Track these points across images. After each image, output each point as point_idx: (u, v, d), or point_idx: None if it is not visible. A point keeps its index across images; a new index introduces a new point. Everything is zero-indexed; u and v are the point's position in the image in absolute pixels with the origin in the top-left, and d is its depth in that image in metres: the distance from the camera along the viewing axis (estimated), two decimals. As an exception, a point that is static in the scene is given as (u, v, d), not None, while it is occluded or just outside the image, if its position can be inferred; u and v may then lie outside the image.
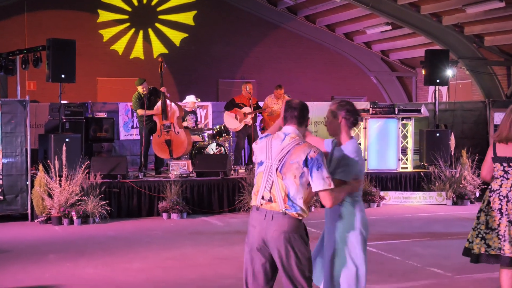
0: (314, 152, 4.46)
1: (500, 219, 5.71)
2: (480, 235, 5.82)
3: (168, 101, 12.76)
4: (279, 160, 4.50)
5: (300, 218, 4.52)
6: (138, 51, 21.01)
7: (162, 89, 12.70)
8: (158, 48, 21.11)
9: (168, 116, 12.64)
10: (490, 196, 5.81)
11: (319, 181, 4.42)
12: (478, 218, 5.90)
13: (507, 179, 5.72)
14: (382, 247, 8.91)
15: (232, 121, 13.94)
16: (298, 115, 4.68)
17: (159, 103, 12.72)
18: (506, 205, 5.70)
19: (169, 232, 10.31)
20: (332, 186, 4.43)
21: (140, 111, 12.82)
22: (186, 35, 21.34)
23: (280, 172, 4.50)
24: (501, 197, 5.73)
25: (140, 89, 12.94)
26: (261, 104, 14.46)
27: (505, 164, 5.74)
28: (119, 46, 20.78)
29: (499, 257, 5.72)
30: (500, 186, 5.74)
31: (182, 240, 9.68)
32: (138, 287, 7.04)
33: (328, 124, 4.91)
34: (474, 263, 5.91)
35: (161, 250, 8.93)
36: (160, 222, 11.24)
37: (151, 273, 7.68)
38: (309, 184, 4.47)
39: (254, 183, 4.70)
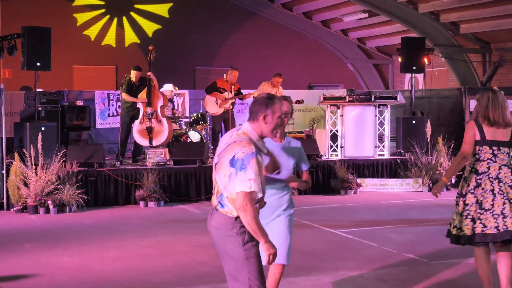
0: (243, 152, 4.11)
1: (493, 199, 5.78)
2: (470, 216, 5.86)
3: (153, 89, 12.70)
4: (218, 156, 4.30)
5: (231, 216, 4.23)
6: (110, 39, 20.79)
7: (149, 74, 12.60)
8: (130, 37, 20.94)
9: (152, 103, 12.58)
10: (479, 179, 5.84)
11: (240, 183, 4.11)
12: (464, 202, 5.90)
13: (495, 161, 5.80)
14: (359, 233, 8.97)
15: (212, 106, 13.92)
16: (250, 109, 4.36)
17: (144, 91, 12.66)
18: (498, 185, 5.79)
19: (146, 220, 10.29)
20: (252, 189, 4.09)
21: (126, 95, 12.71)
22: (159, 26, 21.17)
23: (215, 167, 4.32)
24: (491, 179, 5.81)
25: (133, 74, 12.82)
26: (246, 92, 14.46)
27: (494, 148, 5.83)
28: (92, 32, 20.54)
29: (496, 235, 5.76)
30: (488, 168, 5.81)
31: (159, 228, 9.66)
32: (115, 275, 7.02)
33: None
34: (467, 245, 5.95)
35: (138, 238, 8.91)
36: (137, 210, 11.22)
37: (128, 261, 7.67)
38: None
39: None
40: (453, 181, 13.33)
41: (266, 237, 4.14)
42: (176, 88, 14.55)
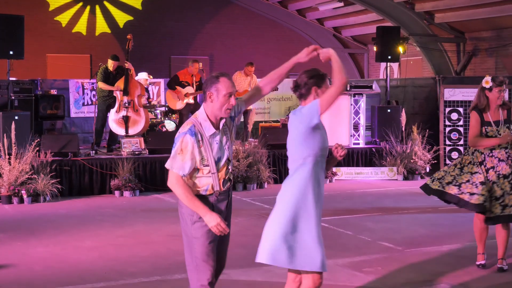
0: (178, 132, 4.33)
1: (478, 168, 6.45)
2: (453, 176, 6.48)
3: (131, 78, 12.60)
4: None
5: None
6: (81, 26, 20.54)
7: (127, 64, 12.50)
8: (101, 26, 20.73)
9: (129, 93, 12.49)
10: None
11: (168, 161, 4.35)
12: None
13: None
14: (334, 222, 9.00)
15: (173, 101, 13.80)
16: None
17: (121, 80, 12.56)
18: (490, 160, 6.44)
19: (122, 210, 10.25)
20: (171, 169, 4.31)
21: (102, 84, 12.59)
22: (131, 18, 20.98)
23: None
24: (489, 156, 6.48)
25: (110, 63, 12.70)
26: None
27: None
28: (64, 18, 20.27)
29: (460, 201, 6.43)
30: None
31: (135, 217, 9.63)
32: (90, 265, 6.98)
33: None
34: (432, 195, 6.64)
35: (113, 228, 8.87)
36: (112, 200, 11.16)
37: (103, 250, 7.63)
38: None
39: None
40: (428, 170, 13.43)
41: (203, 210, 4.26)
42: (151, 77, 14.47)
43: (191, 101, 13.70)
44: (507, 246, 6.68)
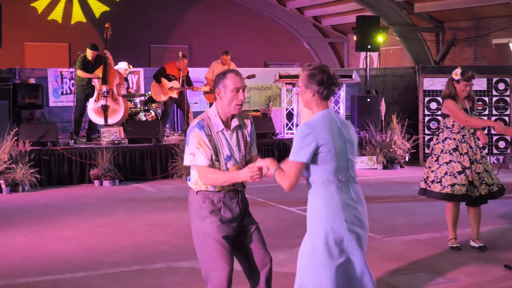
0: (188, 131, 4.32)
1: (451, 155, 6.83)
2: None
3: (109, 67, 12.52)
4: None
5: (194, 190, 4.41)
6: (57, 14, 20.15)
7: (105, 52, 12.41)
8: (77, 15, 20.42)
9: (108, 82, 12.40)
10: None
11: (185, 157, 4.33)
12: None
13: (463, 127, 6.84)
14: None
15: (157, 93, 13.73)
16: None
17: (100, 69, 12.47)
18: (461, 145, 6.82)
19: (101, 199, 10.21)
20: (193, 163, 4.26)
21: (80, 72, 12.50)
22: (107, 8, 20.73)
23: None
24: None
25: (89, 52, 12.60)
26: (202, 70, 14.36)
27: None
28: (40, 5, 19.88)
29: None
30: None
31: (114, 207, 9.59)
32: (70, 255, 6.95)
33: (300, 95, 4.13)
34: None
35: (93, 218, 8.84)
36: (92, 190, 11.12)
37: (82, 240, 7.60)
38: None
39: None
40: (407, 159, 13.51)
41: (238, 176, 4.19)
42: (131, 67, 14.38)
43: (175, 95, 13.64)
44: (480, 224, 7.09)
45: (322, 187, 3.88)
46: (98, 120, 12.52)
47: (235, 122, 4.38)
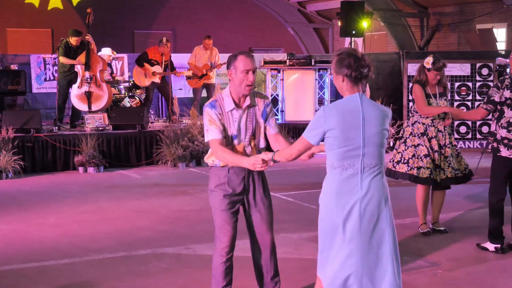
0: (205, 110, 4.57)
1: (419, 139, 7.04)
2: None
3: (92, 52, 12.43)
4: None
5: (210, 165, 4.68)
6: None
7: (87, 37, 12.31)
8: (54, 1, 20.14)
9: (91, 68, 12.32)
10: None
11: (204, 134, 4.61)
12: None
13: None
14: (299, 196, 9.05)
15: (140, 78, 13.67)
16: None
17: (82, 55, 12.38)
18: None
19: (86, 186, 10.18)
20: (208, 139, 4.50)
21: (63, 58, 12.40)
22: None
23: None
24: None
25: (72, 40, 12.48)
26: (186, 56, 14.30)
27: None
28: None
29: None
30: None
31: (99, 193, 9.57)
32: (54, 242, 6.93)
33: (334, 82, 4.14)
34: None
35: (77, 204, 8.81)
36: (76, 176, 11.08)
37: (67, 227, 7.58)
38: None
39: None
40: (391, 144, 13.55)
41: (243, 160, 4.39)
42: (115, 53, 14.29)
43: (157, 80, 13.58)
44: (441, 209, 7.37)
45: (328, 170, 4.01)
46: (82, 106, 12.45)
47: (246, 102, 4.58)
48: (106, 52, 13.87)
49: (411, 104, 14.11)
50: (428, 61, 6.99)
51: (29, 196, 9.44)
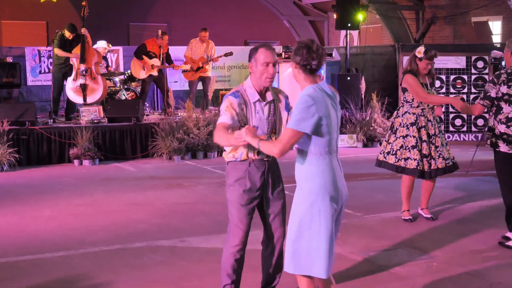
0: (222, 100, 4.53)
1: (408, 130, 7.15)
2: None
3: (87, 45, 12.40)
4: None
5: (227, 160, 4.66)
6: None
7: (83, 30, 12.27)
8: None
9: (86, 60, 12.29)
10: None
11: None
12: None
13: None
14: (293, 189, 9.05)
15: (138, 70, 13.63)
16: None
17: (78, 47, 12.34)
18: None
19: (81, 179, 10.17)
20: (219, 121, 4.43)
21: (58, 51, 12.36)
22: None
23: None
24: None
25: (67, 34, 12.44)
26: (181, 48, 14.27)
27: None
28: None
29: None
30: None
31: (94, 186, 9.56)
32: (49, 235, 6.93)
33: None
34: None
35: (73, 197, 8.80)
36: (72, 169, 11.06)
37: (62, 220, 7.57)
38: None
39: None
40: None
41: (231, 138, 4.25)
42: (110, 45, 14.25)
43: (155, 73, 13.55)
44: (430, 197, 7.49)
45: (320, 158, 4.00)
46: (77, 99, 12.43)
47: (269, 96, 4.60)
48: (101, 45, 13.83)
49: (400, 94, 14.11)
50: (420, 50, 7.04)
51: (24, 189, 9.42)
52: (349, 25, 15.21)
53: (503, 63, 12.69)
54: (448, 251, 6.23)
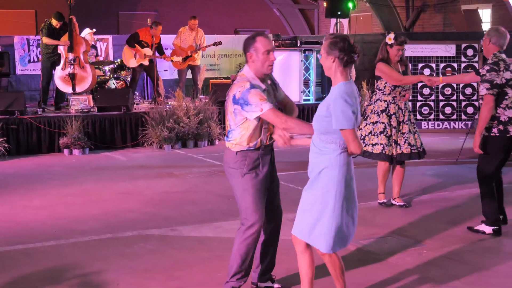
0: (239, 92, 4.47)
1: (378, 117, 7.33)
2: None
3: (75, 34, 12.33)
4: (226, 95, 4.65)
5: (233, 150, 4.64)
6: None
7: (72, 18, 12.19)
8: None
9: (74, 49, 12.23)
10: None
11: (252, 114, 4.49)
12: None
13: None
14: (285, 177, 9.05)
15: (129, 58, 13.57)
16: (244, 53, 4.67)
17: (65, 36, 12.28)
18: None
19: (71, 168, 10.14)
20: (264, 111, 4.42)
21: (47, 39, 12.29)
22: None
23: (225, 106, 4.69)
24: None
25: (54, 22, 12.37)
26: (171, 37, 14.24)
27: None
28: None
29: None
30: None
31: (84, 176, 9.54)
32: (39, 224, 6.91)
33: (322, 62, 4.30)
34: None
35: (63, 187, 8.78)
36: (62, 158, 11.03)
37: (52, 209, 7.56)
38: (246, 119, 4.56)
39: None
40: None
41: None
42: (93, 30, 14.05)
43: (146, 63, 13.49)
44: (402, 184, 7.61)
45: (344, 150, 4.21)
46: (66, 88, 12.39)
47: (267, 81, 4.68)
48: (85, 32, 13.70)
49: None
50: (390, 36, 7.21)
51: (14, 179, 9.39)
52: (339, 13, 15.23)
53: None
54: (438, 238, 6.26)
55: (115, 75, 13.88)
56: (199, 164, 10.28)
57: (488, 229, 6.39)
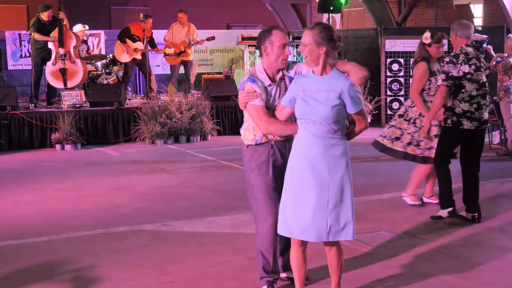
0: (240, 83, 4.49)
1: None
2: None
3: (65, 29, 12.29)
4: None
5: (244, 143, 4.64)
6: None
7: (61, 14, 12.16)
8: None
9: (65, 44, 12.19)
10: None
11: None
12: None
13: None
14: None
15: (120, 54, 13.54)
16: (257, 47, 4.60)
17: (56, 31, 12.24)
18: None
19: (63, 164, 10.12)
20: (251, 105, 4.40)
21: (37, 35, 12.25)
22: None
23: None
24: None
25: (44, 16, 12.33)
26: (163, 32, 14.22)
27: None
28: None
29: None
30: None
31: (77, 171, 9.52)
32: (31, 219, 6.90)
33: (307, 53, 4.18)
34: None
35: (55, 182, 8.76)
36: (54, 154, 11.01)
37: (44, 205, 7.54)
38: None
39: None
40: (369, 120, 13.61)
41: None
42: (86, 27, 14.03)
43: (139, 57, 13.46)
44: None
45: (342, 137, 4.30)
46: (57, 83, 12.35)
47: (279, 75, 4.53)
48: (77, 28, 13.67)
49: (383, 78, 14.13)
50: (426, 36, 6.90)
51: (5, 174, 9.37)
52: (331, 8, 15.21)
53: (484, 45, 12.74)
54: (430, 232, 6.28)
55: (107, 70, 13.85)
56: (191, 159, 10.27)
57: (444, 213, 6.58)
